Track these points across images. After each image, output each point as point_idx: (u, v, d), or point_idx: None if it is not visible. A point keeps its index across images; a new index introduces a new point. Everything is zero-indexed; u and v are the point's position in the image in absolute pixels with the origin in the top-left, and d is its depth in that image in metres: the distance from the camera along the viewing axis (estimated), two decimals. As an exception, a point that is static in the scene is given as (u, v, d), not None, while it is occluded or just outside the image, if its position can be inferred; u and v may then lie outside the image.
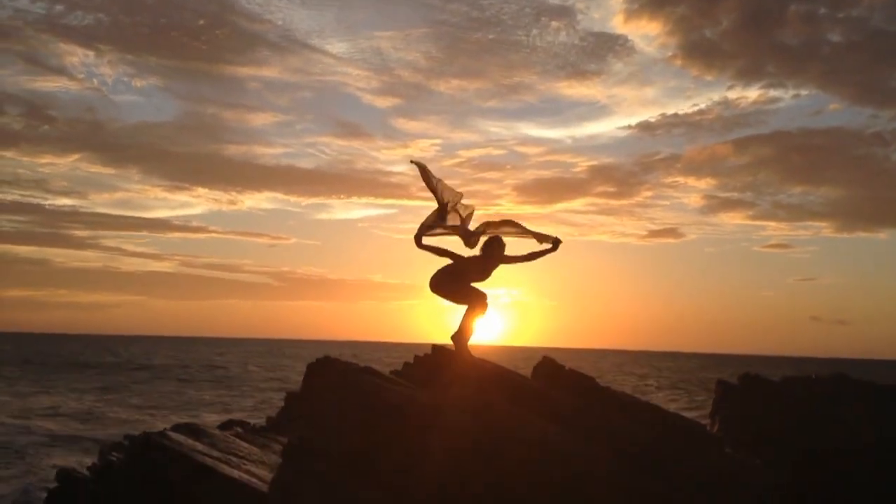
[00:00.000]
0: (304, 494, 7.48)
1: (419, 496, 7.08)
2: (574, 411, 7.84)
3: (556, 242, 8.04)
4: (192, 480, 8.41)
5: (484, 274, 8.10)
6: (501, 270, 8.29)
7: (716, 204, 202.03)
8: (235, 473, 8.64)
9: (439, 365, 8.28)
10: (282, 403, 19.26)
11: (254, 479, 8.60)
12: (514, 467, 6.92)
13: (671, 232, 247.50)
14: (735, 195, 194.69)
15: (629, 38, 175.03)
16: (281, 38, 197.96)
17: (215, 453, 9.40)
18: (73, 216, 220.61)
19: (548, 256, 8.12)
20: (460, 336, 8.06)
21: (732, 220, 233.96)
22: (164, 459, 8.64)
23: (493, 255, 8.02)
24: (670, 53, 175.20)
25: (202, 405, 37.87)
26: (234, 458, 9.52)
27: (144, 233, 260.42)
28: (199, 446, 9.42)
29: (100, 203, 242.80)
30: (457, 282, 8.04)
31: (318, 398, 8.79)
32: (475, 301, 8.06)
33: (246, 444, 10.73)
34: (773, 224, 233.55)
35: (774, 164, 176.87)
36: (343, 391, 7.79)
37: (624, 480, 7.09)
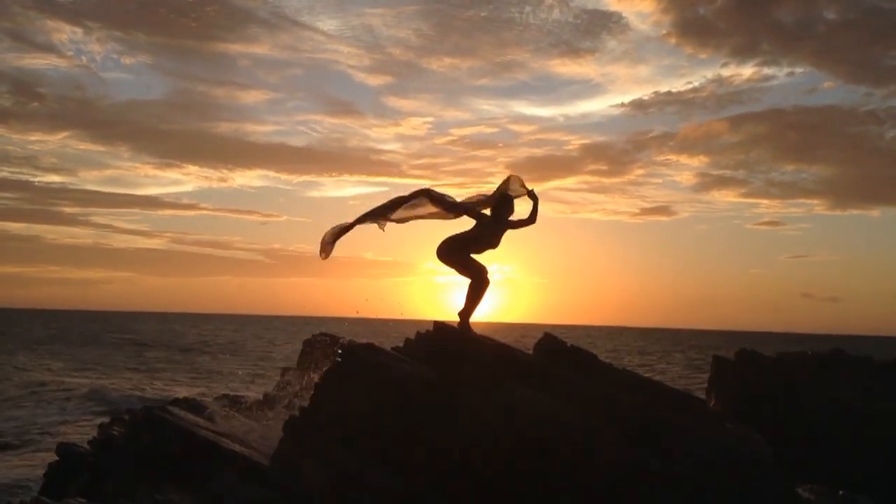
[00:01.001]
0: (306, 469, 7.48)
1: (423, 471, 7.08)
2: (578, 388, 7.83)
3: (531, 194, 8.06)
4: (193, 455, 8.40)
5: (495, 239, 8.06)
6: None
7: (708, 182, 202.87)
8: (237, 447, 8.63)
9: (442, 341, 8.25)
10: (275, 377, 19.29)
11: (255, 454, 8.59)
12: (521, 444, 6.92)
13: (663, 210, 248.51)
14: (728, 173, 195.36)
15: (623, 15, 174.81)
16: (271, 15, 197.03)
17: (216, 428, 9.39)
18: (63, 193, 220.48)
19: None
20: (465, 312, 8.04)
21: (725, 197, 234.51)
22: (165, 434, 8.62)
23: (505, 216, 8.00)
24: (664, 31, 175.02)
25: (211, 378, 38.03)
26: (234, 433, 9.51)
27: (135, 210, 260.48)
28: (200, 421, 9.41)
29: (90, 180, 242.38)
30: (464, 251, 7.98)
31: (320, 374, 8.76)
32: (479, 275, 8.02)
33: (245, 419, 10.72)
34: (765, 202, 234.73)
35: (768, 141, 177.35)
36: (346, 367, 7.78)
37: (630, 457, 7.11)
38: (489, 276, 8.12)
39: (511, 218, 8.10)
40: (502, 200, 8.02)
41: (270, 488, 7.58)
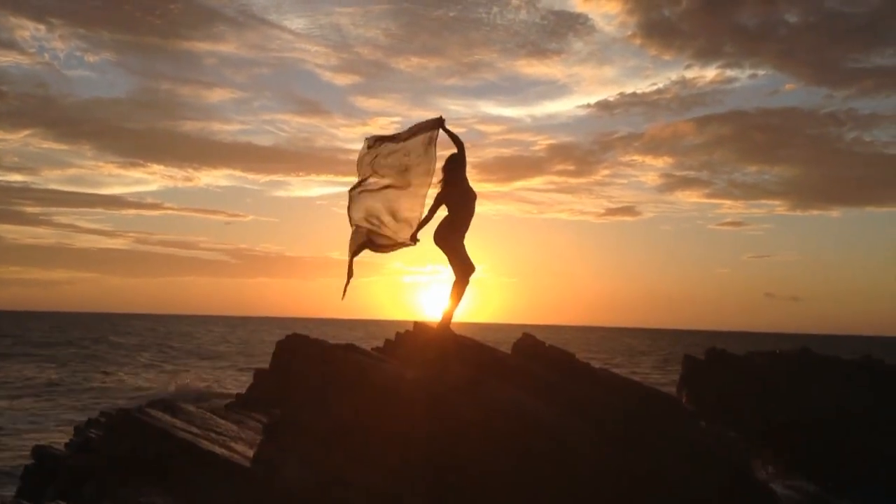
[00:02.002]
0: (288, 470, 7.49)
1: (406, 471, 7.12)
2: (559, 388, 7.91)
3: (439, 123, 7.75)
4: (173, 456, 8.36)
5: (468, 193, 7.92)
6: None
7: (672, 182, 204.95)
8: (217, 449, 8.60)
9: (422, 342, 8.29)
10: (248, 379, 19.20)
11: (235, 455, 8.57)
12: (504, 444, 6.97)
13: (628, 210, 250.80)
14: (692, 174, 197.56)
15: (589, 16, 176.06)
16: (238, 13, 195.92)
17: (194, 429, 9.34)
18: (25, 192, 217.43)
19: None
20: (448, 312, 8.06)
21: (688, 198, 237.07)
22: (143, 435, 8.57)
23: (459, 173, 7.84)
24: (629, 32, 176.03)
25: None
26: (212, 434, 9.47)
27: (98, 209, 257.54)
28: (178, 422, 9.35)
29: (52, 179, 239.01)
30: (456, 231, 7.89)
31: (300, 375, 8.77)
32: (465, 273, 7.94)
33: (223, 421, 10.67)
34: (728, 202, 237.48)
35: (731, 143, 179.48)
36: (328, 368, 7.79)
37: (610, 457, 7.19)
38: (472, 276, 8.12)
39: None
40: (448, 163, 7.84)
41: (252, 489, 7.58)
